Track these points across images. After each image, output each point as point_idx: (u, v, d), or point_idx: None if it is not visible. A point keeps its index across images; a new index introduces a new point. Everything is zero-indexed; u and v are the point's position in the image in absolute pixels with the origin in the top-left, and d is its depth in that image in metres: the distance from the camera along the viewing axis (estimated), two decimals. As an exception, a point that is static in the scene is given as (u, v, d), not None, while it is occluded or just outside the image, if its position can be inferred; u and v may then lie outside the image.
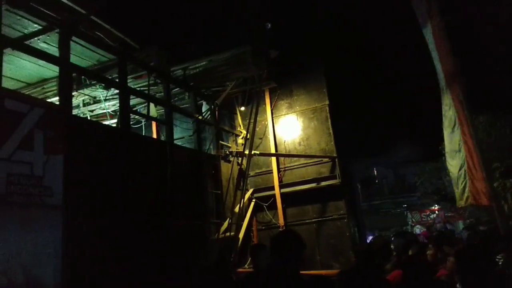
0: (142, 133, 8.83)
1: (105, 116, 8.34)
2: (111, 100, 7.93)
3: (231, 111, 9.62)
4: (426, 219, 25.17)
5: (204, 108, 8.74)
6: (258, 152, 8.71)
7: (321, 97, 9.04)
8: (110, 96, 7.79)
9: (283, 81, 9.31)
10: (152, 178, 6.49)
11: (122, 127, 6.29)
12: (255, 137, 8.47)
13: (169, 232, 6.34)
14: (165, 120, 7.38)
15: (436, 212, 23.82)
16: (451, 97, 6.53)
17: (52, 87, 7.20)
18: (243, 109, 9.31)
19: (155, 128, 9.05)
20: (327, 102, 8.96)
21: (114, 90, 7.37)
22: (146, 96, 7.36)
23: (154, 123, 8.92)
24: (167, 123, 7.30)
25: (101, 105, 8.05)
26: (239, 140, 9.04)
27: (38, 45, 6.02)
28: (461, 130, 6.32)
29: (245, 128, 8.67)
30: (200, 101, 8.76)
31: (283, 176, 9.00)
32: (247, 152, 7.76)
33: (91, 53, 6.75)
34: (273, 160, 9.11)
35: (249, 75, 8.29)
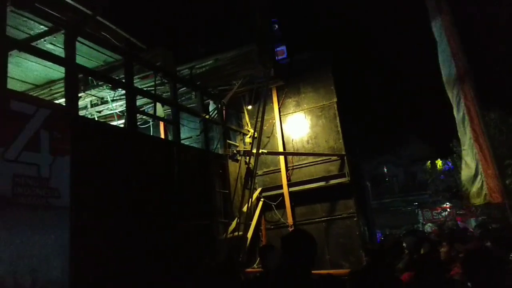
0: (150, 133, 8.82)
1: (113, 117, 8.35)
2: (119, 101, 7.93)
3: (239, 110, 9.56)
4: (438, 217, 24.90)
5: (211, 107, 8.70)
6: (266, 151, 8.65)
7: (329, 95, 8.93)
8: (118, 97, 7.80)
9: (291, 79, 9.22)
10: (159, 178, 6.46)
11: (129, 128, 6.28)
12: (263, 136, 8.41)
13: (177, 232, 6.32)
14: (172, 120, 7.35)
15: (448, 210, 23.54)
16: (462, 94, 6.44)
17: (60, 89, 7.22)
18: (250, 108, 9.25)
19: (163, 128, 9.03)
20: (335, 100, 8.85)
21: (121, 91, 7.37)
22: (153, 96, 7.34)
23: (162, 123, 8.91)
24: (174, 123, 7.27)
25: (109, 106, 8.06)
26: (247, 139, 8.97)
27: (45, 46, 6.04)
28: (471, 127, 6.22)
29: (253, 127, 8.62)
30: (207, 101, 8.72)
31: (292, 175, 8.93)
32: (255, 151, 7.69)
33: (98, 54, 6.76)
34: (281, 159, 9.03)
35: (256, 74, 8.22)
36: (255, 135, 7.95)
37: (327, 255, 8.20)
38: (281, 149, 9.10)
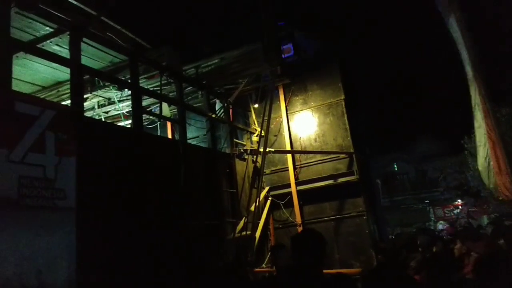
0: (158, 133, 8.82)
1: (120, 118, 8.36)
2: (126, 101, 7.93)
3: (245, 109, 9.51)
4: (450, 215, 24.60)
5: (218, 107, 8.66)
6: (273, 150, 8.58)
7: (337, 92, 8.83)
8: (124, 97, 7.80)
9: (297, 77, 9.13)
10: (166, 178, 6.44)
11: (135, 128, 6.27)
12: (270, 134, 8.35)
13: (184, 232, 6.29)
14: (178, 120, 7.33)
15: (460, 207, 23.23)
16: (477, 88, 6.39)
17: (67, 90, 7.21)
18: (257, 106, 9.18)
19: (170, 128, 9.02)
20: (343, 97, 8.75)
21: (128, 91, 7.36)
22: (159, 96, 7.33)
23: (169, 123, 8.90)
24: (180, 123, 7.25)
25: (116, 106, 8.07)
26: (254, 138, 8.91)
27: (51, 48, 6.05)
28: (485, 122, 6.15)
29: (260, 126, 8.56)
30: (214, 100, 8.68)
31: (299, 173, 8.85)
32: (262, 150, 7.64)
33: (104, 55, 6.77)
34: (289, 157, 8.96)
35: (262, 72, 8.16)
36: (262, 134, 7.88)
37: (337, 254, 8.12)
38: (289, 148, 9.04)
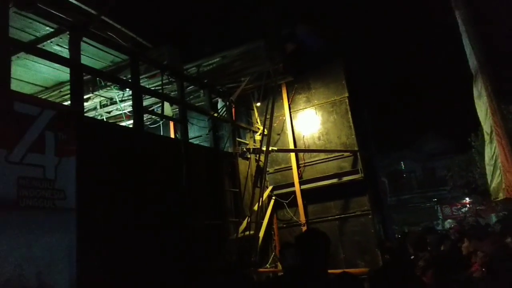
0: (160, 133, 8.79)
1: (122, 117, 8.34)
2: (127, 101, 7.90)
3: (248, 107, 9.44)
4: (457, 213, 24.38)
5: (220, 105, 8.59)
6: (276, 148, 8.51)
7: (340, 90, 8.72)
8: (126, 97, 7.78)
9: (300, 75, 9.02)
10: (168, 178, 6.39)
11: (136, 127, 6.23)
12: (273, 133, 8.27)
13: (186, 232, 6.24)
14: (180, 119, 7.28)
15: (467, 206, 22.99)
16: (483, 86, 6.27)
17: (69, 90, 7.21)
18: (260, 105, 9.09)
19: (172, 127, 8.98)
20: (347, 95, 8.64)
21: (130, 91, 7.34)
22: (160, 95, 7.29)
23: (172, 123, 8.86)
24: (182, 122, 7.20)
25: (118, 106, 8.04)
26: (257, 137, 8.83)
27: (52, 48, 6.04)
28: (492, 120, 6.05)
29: (262, 124, 8.48)
30: (216, 98, 8.62)
31: (303, 172, 8.76)
32: (265, 149, 7.56)
33: (104, 54, 6.74)
34: (292, 156, 8.88)
35: (264, 70, 8.08)
36: (265, 133, 7.81)
37: (342, 254, 8.02)
38: (292, 146, 8.94)
